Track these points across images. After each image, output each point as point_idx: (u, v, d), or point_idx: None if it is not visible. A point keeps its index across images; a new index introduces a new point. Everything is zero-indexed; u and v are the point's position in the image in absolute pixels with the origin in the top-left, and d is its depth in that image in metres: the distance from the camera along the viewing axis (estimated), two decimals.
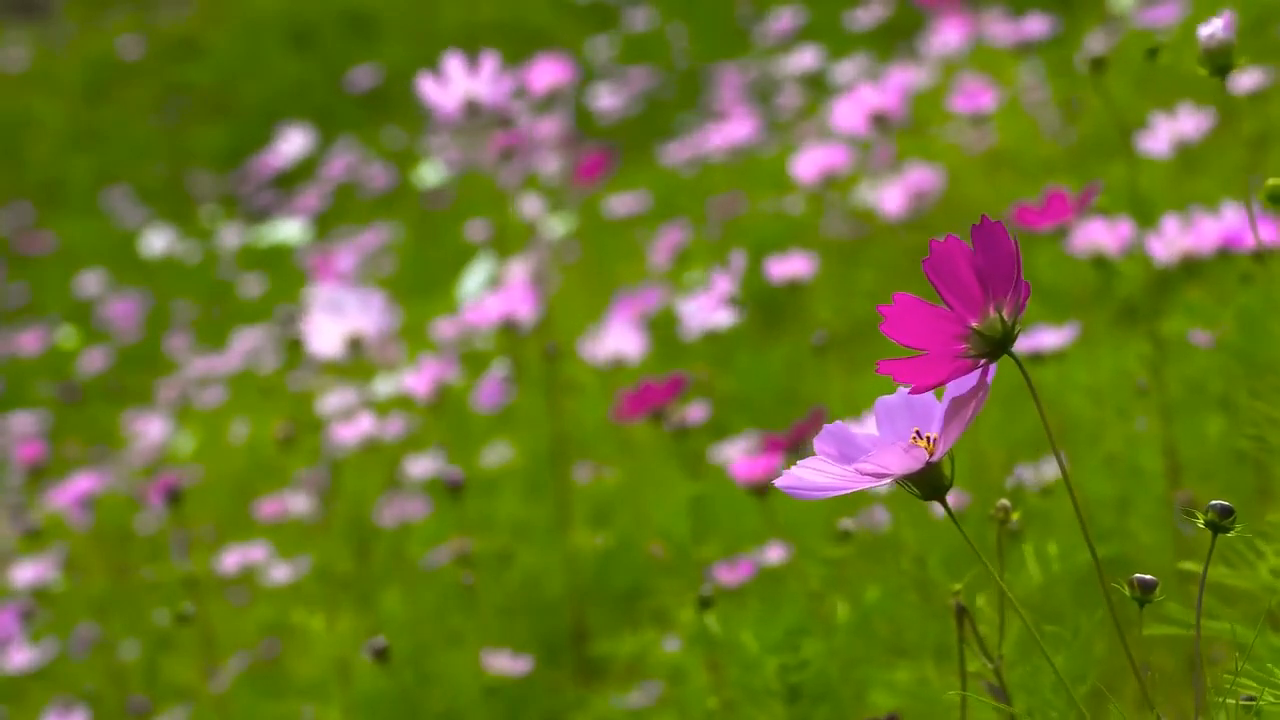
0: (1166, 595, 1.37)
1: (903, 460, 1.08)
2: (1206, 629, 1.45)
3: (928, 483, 1.10)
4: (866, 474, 1.08)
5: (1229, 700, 1.14)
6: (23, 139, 10.82)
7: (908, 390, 1.08)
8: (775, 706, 1.87)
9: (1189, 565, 1.53)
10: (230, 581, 3.64)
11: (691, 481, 2.61)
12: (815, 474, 1.10)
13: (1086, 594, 1.87)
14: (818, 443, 1.11)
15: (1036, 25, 4.03)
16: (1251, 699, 1.15)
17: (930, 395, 1.12)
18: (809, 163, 3.56)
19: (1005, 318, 1.06)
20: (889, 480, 1.09)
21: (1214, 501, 1.14)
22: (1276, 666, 1.19)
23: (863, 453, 1.09)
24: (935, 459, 1.09)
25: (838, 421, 1.12)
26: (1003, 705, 1.34)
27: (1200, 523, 1.13)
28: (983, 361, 1.08)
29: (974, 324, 1.07)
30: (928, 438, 1.10)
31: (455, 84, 2.76)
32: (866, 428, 1.17)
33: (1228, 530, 1.13)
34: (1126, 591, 1.14)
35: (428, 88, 2.76)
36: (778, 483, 1.10)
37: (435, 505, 3.53)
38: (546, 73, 3.56)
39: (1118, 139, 3.01)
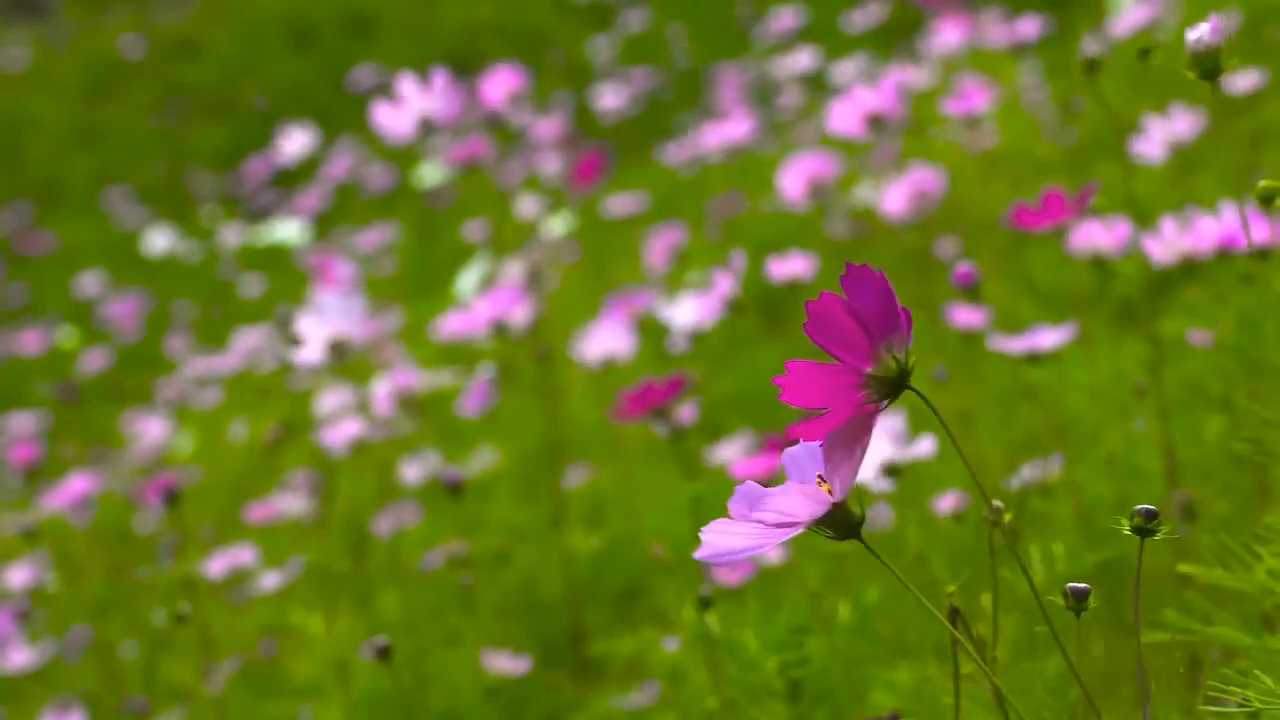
0: (1163, 598, 1.37)
1: (806, 505, 1.08)
2: (1204, 632, 1.45)
3: (838, 523, 1.10)
4: (774, 525, 1.08)
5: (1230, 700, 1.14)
6: (23, 139, 10.81)
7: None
8: (776, 706, 1.87)
9: (1187, 568, 1.53)
10: (227, 583, 3.64)
11: (687, 481, 2.61)
12: (730, 537, 1.09)
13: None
14: (731, 505, 1.11)
15: (1030, 26, 4.03)
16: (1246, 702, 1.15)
17: None
18: (795, 175, 3.54)
19: (897, 356, 1.07)
20: (800, 528, 1.09)
21: (1139, 506, 1.15)
22: (1273, 668, 1.19)
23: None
24: (838, 499, 1.09)
25: (748, 481, 1.12)
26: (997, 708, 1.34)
27: (1127, 529, 1.14)
28: (886, 403, 1.09)
29: (868, 370, 1.08)
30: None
31: (410, 104, 2.79)
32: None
33: (1153, 534, 1.14)
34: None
35: (380, 113, 2.79)
36: (698, 555, 1.10)
37: (431, 506, 3.53)
38: (501, 83, 3.53)
39: (1115, 139, 3.01)
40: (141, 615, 3.73)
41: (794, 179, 3.56)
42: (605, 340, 3.21)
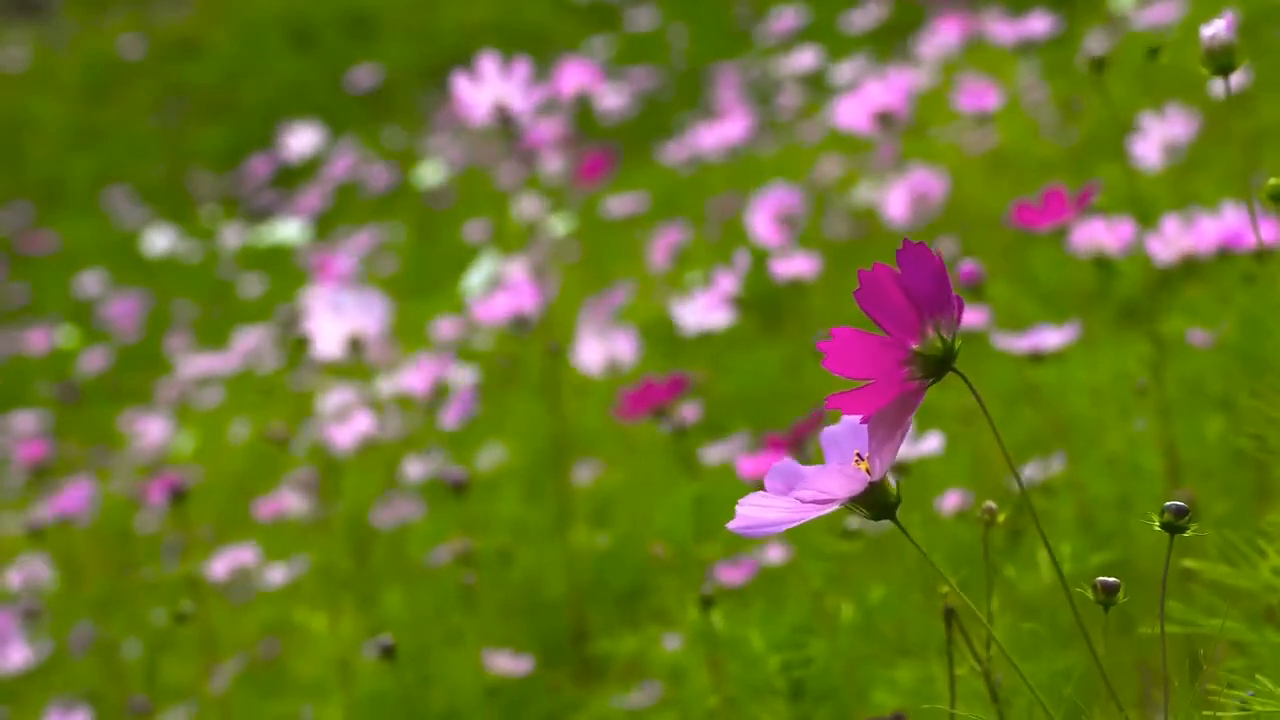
0: (1166, 594, 1.37)
1: (844, 484, 1.09)
2: (1207, 628, 1.45)
3: (874, 503, 1.11)
4: (811, 501, 1.09)
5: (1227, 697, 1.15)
6: (23, 139, 10.82)
7: (857, 419, 1.10)
8: (778, 705, 1.87)
9: (1192, 563, 1.53)
10: (229, 582, 3.64)
11: (692, 481, 2.61)
12: (764, 510, 1.10)
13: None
14: (767, 480, 1.12)
15: (1037, 24, 4.03)
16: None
17: None
18: (763, 216, 3.54)
19: (944, 335, 1.08)
20: (835, 505, 1.09)
21: (1170, 502, 1.15)
22: (1276, 666, 1.20)
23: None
24: (876, 479, 1.10)
25: (785, 459, 1.13)
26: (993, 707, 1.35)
27: (1156, 525, 1.15)
28: (929, 381, 1.09)
29: (914, 346, 1.08)
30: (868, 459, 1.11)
31: (488, 87, 2.76)
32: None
33: (1184, 530, 1.14)
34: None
35: (462, 88, 2.74)
36: (731, 526, 1.10)
37: (434, 505, 3.53)
38: (573, 77, 3.54)
39: (1116, 139, 3.01)
40: (144, 615, 3.73)
41: (763, 218, 3.55)
42: (606, 346, 3.21)
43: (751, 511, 1.10)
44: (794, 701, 1.87)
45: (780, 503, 1.10)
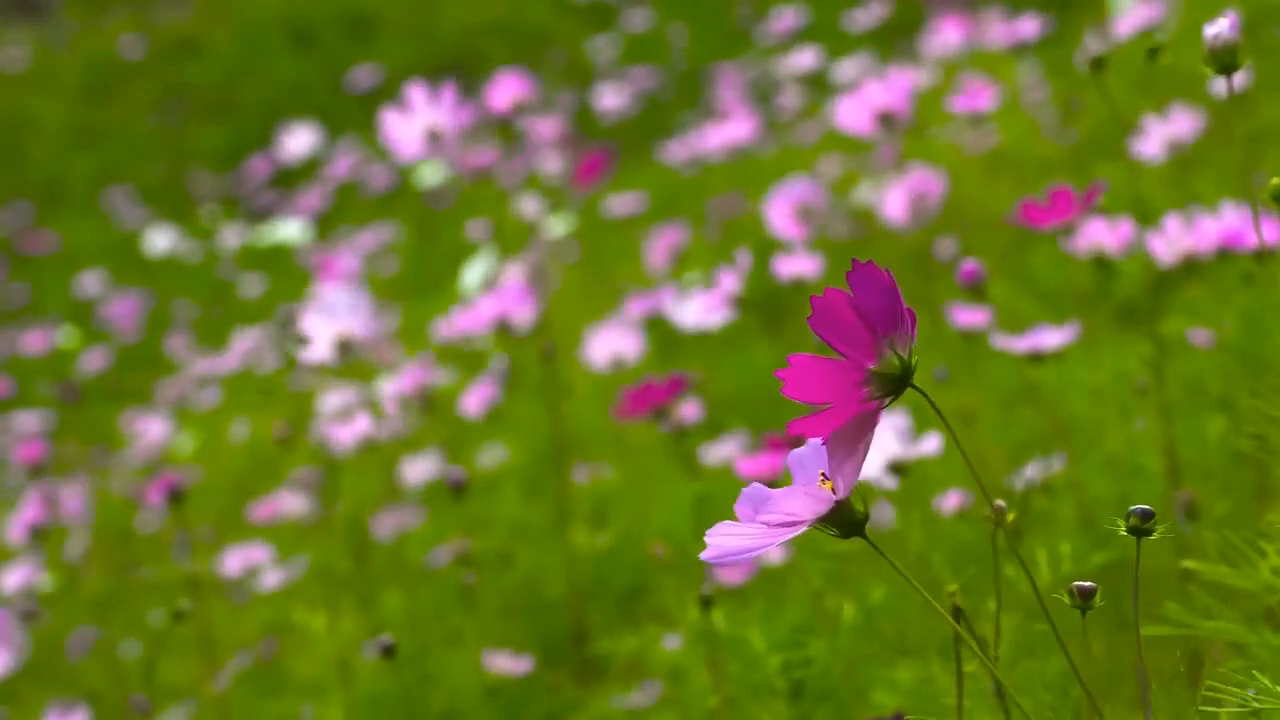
0: (1166, 597, 1.37)
1: (809, 504, 1.09)
2: (1205, 630, 1.45)
3: (841, 521, 1.11)
4: (777, 524, 1.09)
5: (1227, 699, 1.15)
6: (23, 139, 10.81)
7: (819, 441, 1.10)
8: (778, 705, 1.87)
9: (1191, 564, 1.53)
10: (229, 582, 3.64)
11: (691, 481, 2.61)
12: (734, 538, 1.10)
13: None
14: (737, 507, 1.12)
15: (1029, 26, 4.03)
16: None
17: None
18: (781, 209, 3.52)
19: (900, 353, 1.08)
20: (803, 526, 1.09)
21: (1135, 506, 1.16)
22: (1275, 666, 1.20)
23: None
24: (841, 497, 1.10)
25: (754, 483, 1.13)
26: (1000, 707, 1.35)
27: (1123, 530, 1.15)
28: (888, 400, 1.09)
29: (871, 366, 1.08)
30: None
31: (418, 115, 2.79)
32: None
33: (1150, 534, 1.14)
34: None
35: (390, 123, 2.78)
36: (704, 556, 1.10)
37: (434, 506, 3.53)
38: (505, 92, 3.52)
39: (1116, 139, 3.01)
40: (143, 615, 3.73)
41: (780, 211, 3.54)
42: (611, 341, 3.21)
43: (721, 540, 1.10)
44: (794, 701, 1.87)
45: (749, 529, 1.10)
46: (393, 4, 11.15)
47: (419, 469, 3.58)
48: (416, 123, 2.80)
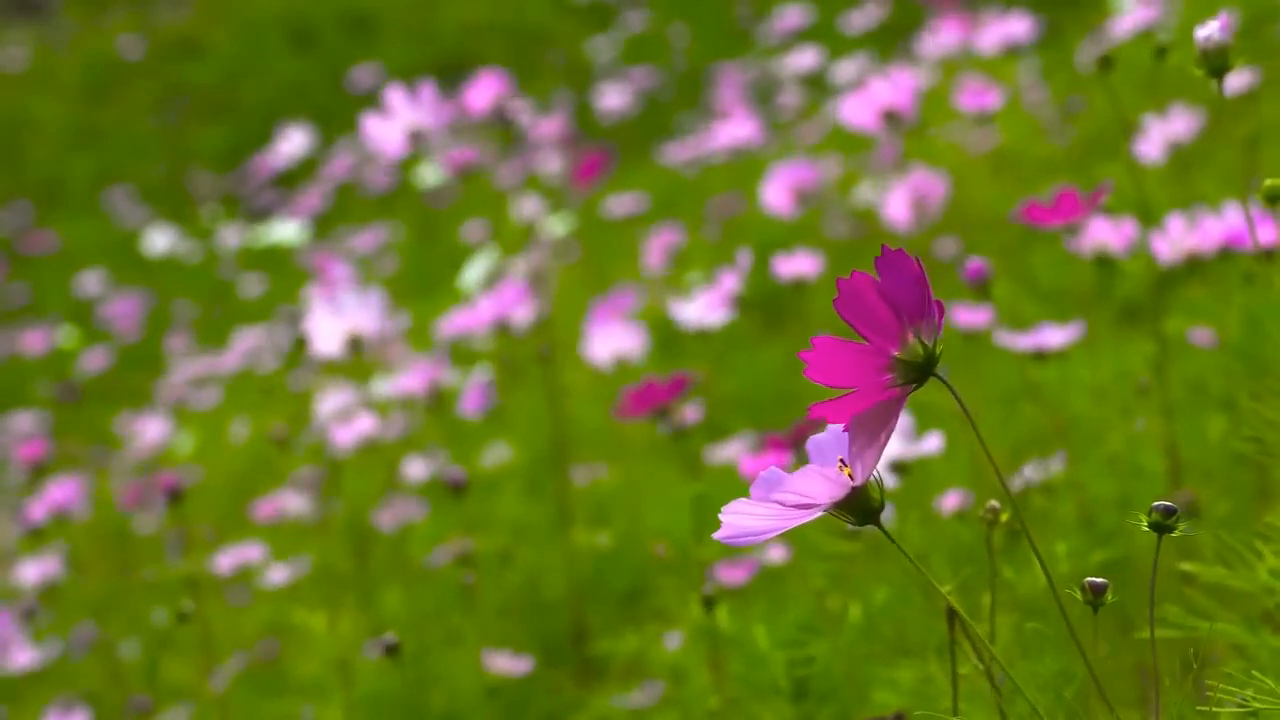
0: (1166, 597, 1.37)
1: (826, 487, 1.08)
2: (1203, 631, 1.45)
3: (857, 507, 1.10)
4: (793, 506, 1.08)
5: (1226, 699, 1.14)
6: (23, 139, 10.81)
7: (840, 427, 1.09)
8: (782, 704, 1.87)
9: (1190, 566, 1.53)
10: (229, 581, 3.64)
11: (693, 481, 2.61)
12: (749, 518, 1.09)
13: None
14: (753, 489, 1.11)
15: (1019, 26, 4.01)
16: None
17: None
18: (778, 186, 3.52)
19: (925, 342, 1.07)
20: (818, 510, 1.08)
21: (1157, 502, 1.15)
22: (1275, 668, 1.19)
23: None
24: (858, 483, 1.09)
25: (771, 468, 1.12)
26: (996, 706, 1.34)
27: (1144, 525, 1.14)
28: (911, 388, 1.08)
29: (896, 353, 1.08)
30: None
31: (399, 117, 2.80)
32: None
33: (1171, 530, 1.14)
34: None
35: (371, 126, 2.79)
36: (717, 535, 1.10)
37: (434, 505, 3.53)
38: (485, 91, 3.51)
39: (1117, 138, 3.01)
40: (144, 614, 3.73)
41: (778, 188, 3.54)
42: (613, 340, 3.20)
43: (736, 519, 1.09)
44: (797, 701, 1.87)
45: (765, 509, 1.09)
46: (393, 4, 11.15)
47: (420, 468, 3.58)
48: (397, 124, 2.82)
